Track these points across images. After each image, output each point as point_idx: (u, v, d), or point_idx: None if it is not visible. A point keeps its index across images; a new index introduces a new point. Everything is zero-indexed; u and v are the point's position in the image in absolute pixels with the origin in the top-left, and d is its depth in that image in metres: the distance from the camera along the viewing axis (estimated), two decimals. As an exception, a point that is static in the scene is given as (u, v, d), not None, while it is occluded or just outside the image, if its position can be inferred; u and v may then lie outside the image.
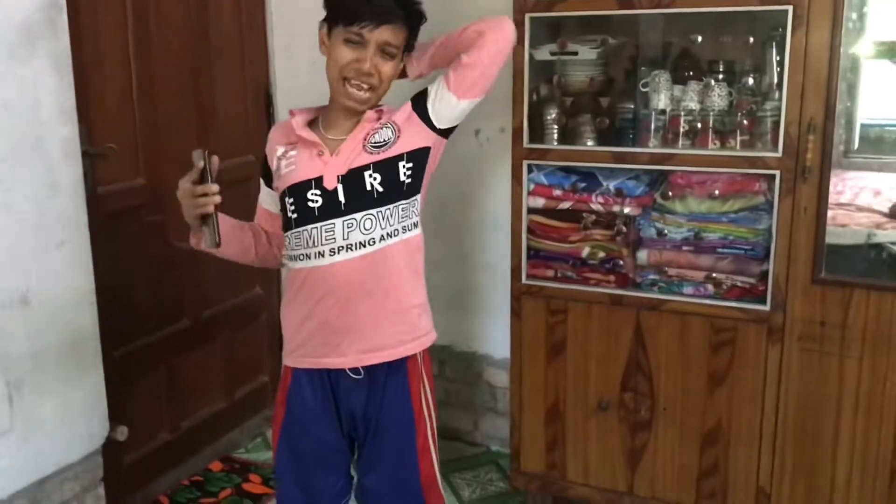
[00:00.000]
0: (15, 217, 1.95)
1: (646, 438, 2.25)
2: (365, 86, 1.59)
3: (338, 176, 1.60)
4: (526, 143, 2.23)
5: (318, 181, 1.60)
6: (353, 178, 1.60)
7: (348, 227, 1.60)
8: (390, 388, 1.71)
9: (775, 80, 2.04)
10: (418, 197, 1.69)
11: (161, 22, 2.48)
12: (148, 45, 2.43)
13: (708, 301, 2.13)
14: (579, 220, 2.26)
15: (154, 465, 2.60)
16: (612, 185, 2.20)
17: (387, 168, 1.62)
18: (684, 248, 2.16)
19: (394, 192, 1.63)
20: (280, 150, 1.67)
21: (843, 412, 2.03)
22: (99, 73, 2.28)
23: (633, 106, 2.22)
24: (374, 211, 1.61)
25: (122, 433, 2.35)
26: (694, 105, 2.12)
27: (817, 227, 1.96)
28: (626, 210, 2.20)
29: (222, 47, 2.75)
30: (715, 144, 2.09)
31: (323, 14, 1.65)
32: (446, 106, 1.66)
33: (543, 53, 2.24)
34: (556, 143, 2.25)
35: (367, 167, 1.60)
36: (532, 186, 2.26)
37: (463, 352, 2.94)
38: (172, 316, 2.65)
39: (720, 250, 2.13)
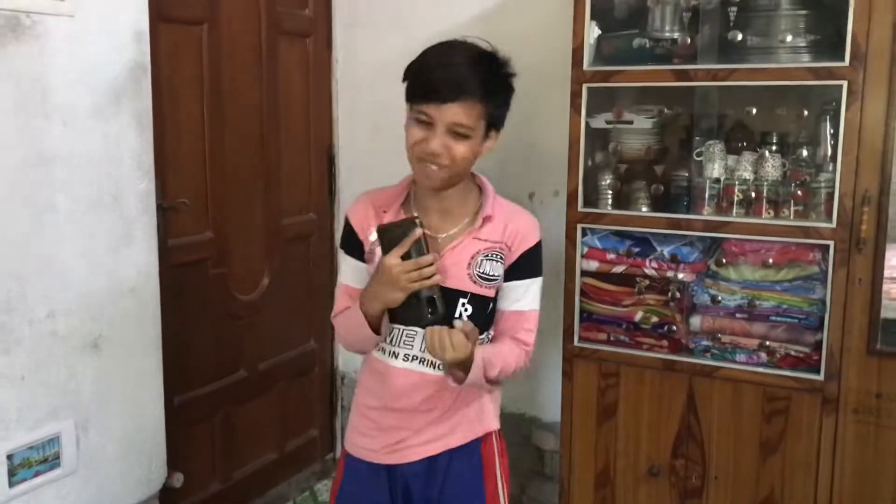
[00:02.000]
0: (94, 265, 2.06)
1: (697, 507, 2.23)
2: (434, 166, 1.50)
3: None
4: (580, 207, 2.28)
5: None
6: (445, 298, 1.52)
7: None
8: (454, 469, 1.65)
9: (829, 152, 2.07)
10: (491, 332, 1.67)
11: (234, 85, 2.62)
12: (221, 106, 2.57)
13: (761, 369, 2.13)
14: (633, 284, 2.29)
15: (205, 513, 2.64)
16: (666, 250, 2.24)
17: (481, 302, 1.58)
18: (738, 315, 2.17)
19: (478, 324, 1.55)
20: (374, 235, 1.55)
21: (901, 487, 2.00)
22: (175, 131, 2.41)
23: (687, 174, 2.26)
24: None
25: (179, 480, 2.40)
26: (748, 175, 2.16)
27: (872, 299, 1.96)
28: (680, 276, 2.23)
29: (290, 110, 2.88)
30: (769, 214, 2.11)
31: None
32: (503, 294, 1.63)
33: (599, 122, 2.31)
34: (610, 208, 2.30)
35: (464, 294, 1.55)
36: (586, 249, 2.31)
37: (511, 413, 2.95)
38: (231, 366, 2.72)
39: (774, 318, 2.13)
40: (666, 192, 2.29)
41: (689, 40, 2.15)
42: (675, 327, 2.25)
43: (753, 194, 2.14)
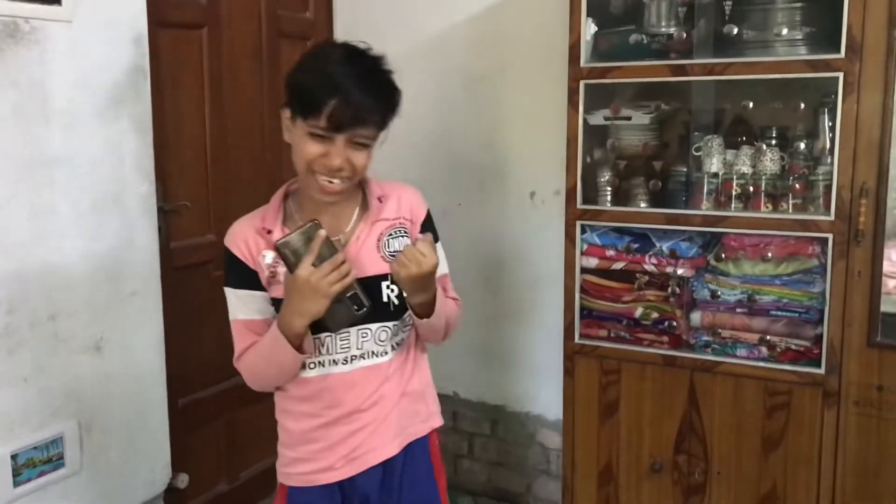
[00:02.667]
0: (96, 267, 2.08)
1: (699, 502, 2.22)
2: (335, 181, 1.41)
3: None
4: (579, 204, 2.28)
5: None
6: (367, 287, 1.45)
7: (363, 337, 1.50)
8: (409, 469, 1.60)
9: (828, 145, 2.07)
10: None
11: (235, 87, 2.64)
12: (222, 109, 2.59)
13: (762, 363, 2.12)
14: (633, 280, 2.28)
15: (211, 514, 2.65)
16: (665, 246, 2.23)
17: None
18: (738, 310, 2.17)
19: (404, 304, 1.51)
20: (269, 257, 1.46)
21: (903, 480, 1.99)
22: (176, 134, 2.43)
23: (685, 169, 2.26)
24: (389, 323, 1.52)
25: (183, 481, 2.42)
26: (746, 169, 2.15)
27: (872, 291, 1.95)
28: (680, 271, 2.23)
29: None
30: (767, 208, 2.11)
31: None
32: None
33: (597, 118, 2.32)
34: (609, 205, 2.30)
35: (384, 277, 1.49)
36: (585, 246, 2.31)
37: (516, 412, 2.96)
38: (234, 369, 2.72)
39: (774, 313, 2.13)
40: (664, 187, 2.29)
41: (685, 35, 2.15)
42: (675, 323, 2.25)
43: (752, 188, 2.14)
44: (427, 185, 2.92)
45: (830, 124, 2.04)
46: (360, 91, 1.36)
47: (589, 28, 2.25)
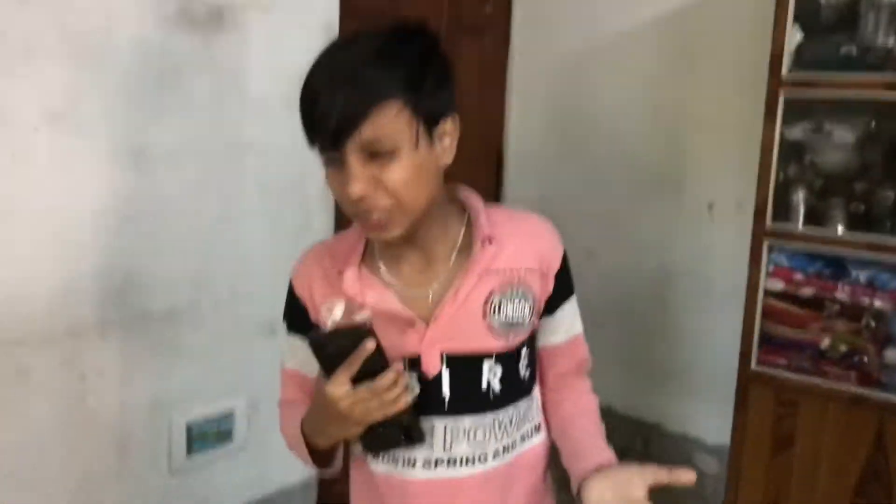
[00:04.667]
0: (275, 250, 2.14)
1: (879, 556, 2.05)
2: (374, 214, 1.00)
3: (442, 355, 1.08)
4: (769, 223, 2.14)
5: (414, 363, 1.08)
6: (463, 366, 1.09)
7: (453, 436, 1.10)
8: None
9: None
10: (536, 389, 1.22)
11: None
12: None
13: (966, 413, 1.93)
14: (822, 308, 2.13)
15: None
16: (862, 275, 2.07)
17: (511, 359, 1.13)
18: (942, 351, 1.98)
19: (515, 389, 1.15)
20: (338, 311, 1.00)
21: None
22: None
23: (893, 194, 2.08)
24: (489, 416, 1.12)
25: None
26: (966, 198, 1.96)
27: None
28: (877, 304, 2.05)
29: (462, 103, 2.88)
30: None
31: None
32: (544, 326, 1.19)
33: (796, 132, 2.16)
34: (801, 225, 2.15)
35: (488, 356, 1.10)
36: (772, 268, 2.17)
37: (672, 433, 2.84)
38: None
39: (985, 359, 1.93)
40: (867, 211, 2.11)
41: (905, 48, 1.97)
42: (866, 359, 2.07)
43: (972, 220, 1.94)
44: (597, 186, 2.88)
45: None
46: (333, 87, 0.98)
47: (794, 36, 2.11)
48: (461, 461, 1.11)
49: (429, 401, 1.07)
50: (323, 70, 1.01)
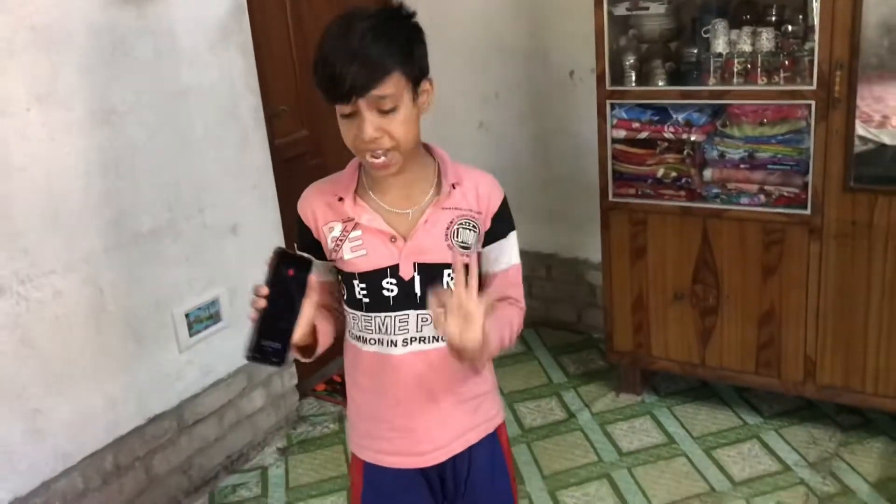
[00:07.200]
0: (224, 168, 2.66)
1: (713, 321, 2.78)
2: (380, 152, 1.35)
3: (414, 264, 1.42)
4: (608, 86, 2.73)
5: (394, 270, 1.42)
6: (430, 272, 1.43)
7: (422, 321, 1.44)
8: (478, 461, 1.57)
9: (816, 25, 2.45)
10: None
11: (311, 6, 3.10)
12: (301, 28, 3.07)
13: (760, 208, 2.61)
14: (655, 147, 2.76)
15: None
16: (680, 117, 2.69)
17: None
18: (741, 166, 2.63)
19: None
20: (337, 229, 1.43)
21: (872, 294, 2.50)
22: (269, 53, 2.93)
23: (696, 50, 2.67)
24: None
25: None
26: (747, 48, 2.56)
27: (846, 146, 2.40)
28: (693, 137, 2.69)
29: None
30: (762, 81, 2.54)
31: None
32: (486, 256, 1.50)
33: (620, 10, 2.72)
34: (633, 85, 2.75)
35: (447, 266, 1.43)
36: (615, 121, 2.78)
37: (567, 258, 3.53)
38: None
39: (770, 167, 2.59)
40: (678, 67, 2.71)
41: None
42: (690, 180, 2.73)
43: (750, 65, 2.55)
44: (476, 69, 3.41)
45: (816, 6, 2.42)
46: (352, 50, 1.28)
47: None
48: (428, 339, 1.46)
49: (406, 297, 1.43)
50: (335, 51, 1.29)
